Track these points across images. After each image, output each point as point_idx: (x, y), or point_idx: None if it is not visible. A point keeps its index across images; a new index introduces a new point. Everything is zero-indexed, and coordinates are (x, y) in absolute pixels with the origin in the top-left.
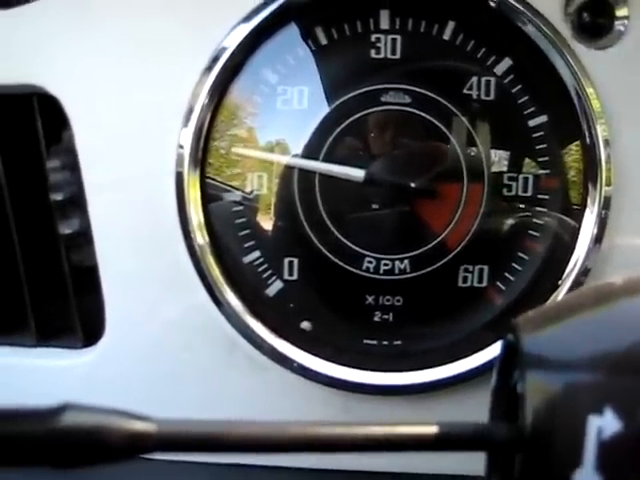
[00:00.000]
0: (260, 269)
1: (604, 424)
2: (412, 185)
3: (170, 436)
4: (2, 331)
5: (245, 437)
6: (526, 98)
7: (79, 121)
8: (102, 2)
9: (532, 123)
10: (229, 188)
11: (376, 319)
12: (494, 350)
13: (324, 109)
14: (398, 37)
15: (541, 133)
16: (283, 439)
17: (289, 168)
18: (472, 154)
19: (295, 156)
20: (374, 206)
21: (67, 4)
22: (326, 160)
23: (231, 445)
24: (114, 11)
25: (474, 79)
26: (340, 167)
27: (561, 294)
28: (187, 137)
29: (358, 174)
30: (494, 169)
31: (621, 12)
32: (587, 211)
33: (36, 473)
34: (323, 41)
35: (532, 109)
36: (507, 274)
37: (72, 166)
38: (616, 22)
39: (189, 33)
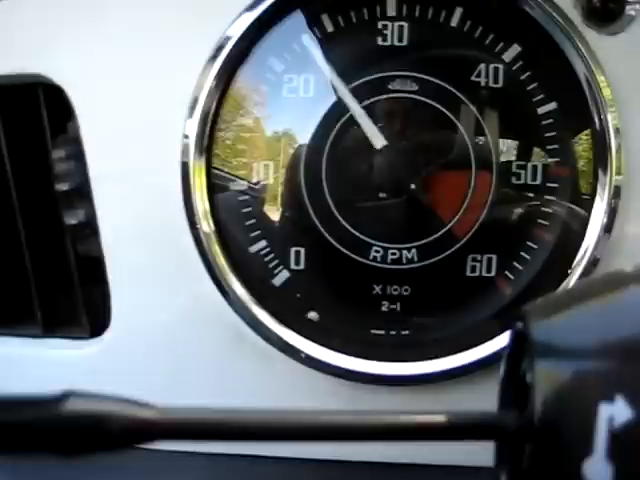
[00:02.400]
0: (266, 259)
1: (615, 412)
2: (412, 187)
3: (172, 424)
4: (8, 322)
5: (248, 424)
6: (535, 85)
7: (84, 111)
8: None
9: (541, 110)
10: (235, 178)
11: (384, 309)
12: (502, 340)
13: (331, 97)
14: (405, 24)
15: (550, 120)
16: (288, 427)
17: (296, 157)
18: (480, 142)
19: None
20: (381, 195)
21: None
22: (333, 149)
23: (234, 433)
24: (119, 2)
25: (482, 66)
26: (372, 125)
27: (570, 283)
28: (192, 127)
29: (380, 142)
30: (503, 157)
31: None
32: (597, 200)
33: (40, 462)
34: (329, 28)
35: (541, 96)
36: (516, 263)
37: (77, 156)
38: (627, 7)
39: (193, 22)
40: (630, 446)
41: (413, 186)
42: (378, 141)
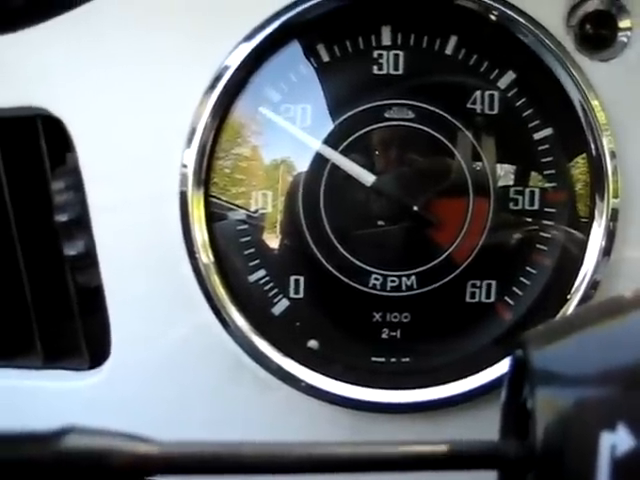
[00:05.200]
0: (266, 288)
1: (617, 441)
2: (414, 208)
3: (173, 458)
4: (8, 353)
5: (249, 458)
6: (530, 111)
7: (83, 142)
8: (104, 25)
9: (537, 136)
10: (234, 207)
11: (384, 336)
12: (503, 366)
13: (328, 126)
14: (400, 53)
15: (547, 146)
16: (289, 460)
17: (294, 186)
18: (477, 169)
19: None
20: (379, 222)
21: (70, 27)
22: (330, 177)
23: (236, 467)
24: (116, 33)
25: (477, 93)
26: (355, 166)
27: (570, 308)
28: (190, 157)
29: (369, 178)
30: (500, 183)
31: (624, 23)
32: (595, 224)
33: None
34: (325, 58)
35: (537, 122)
36: (515, 289)
37: (76, 187)
38: (619, 33)
39: (191, 53)
40: (633, 475)
41: (415, 208)
42: (367, 178)
